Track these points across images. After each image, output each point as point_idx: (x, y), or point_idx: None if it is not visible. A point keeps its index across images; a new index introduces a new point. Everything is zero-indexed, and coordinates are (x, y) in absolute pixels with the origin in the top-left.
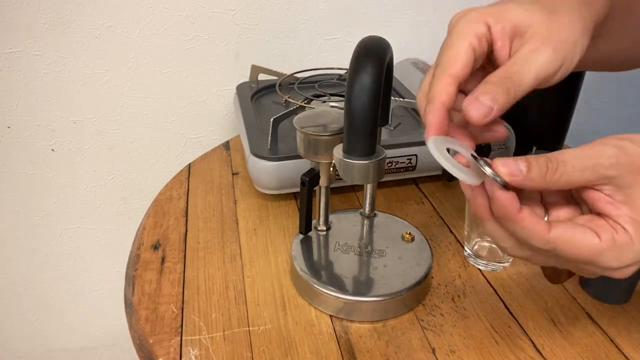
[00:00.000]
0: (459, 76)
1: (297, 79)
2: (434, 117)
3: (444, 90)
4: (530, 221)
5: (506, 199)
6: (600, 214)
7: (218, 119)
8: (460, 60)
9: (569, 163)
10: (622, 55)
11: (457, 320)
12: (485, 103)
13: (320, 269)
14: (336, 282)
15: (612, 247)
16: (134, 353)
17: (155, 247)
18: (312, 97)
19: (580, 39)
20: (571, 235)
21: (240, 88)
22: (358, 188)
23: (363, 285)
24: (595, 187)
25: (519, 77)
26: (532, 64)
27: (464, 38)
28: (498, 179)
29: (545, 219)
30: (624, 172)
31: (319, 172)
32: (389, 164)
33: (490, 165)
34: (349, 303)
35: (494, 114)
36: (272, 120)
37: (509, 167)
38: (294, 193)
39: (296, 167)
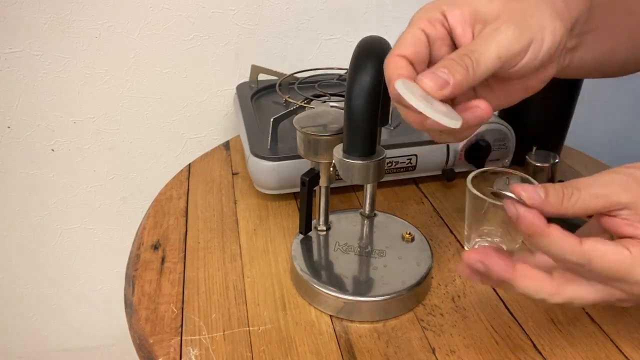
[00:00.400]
0: (407, 55)
1: (297, 79)
2: (391, 64)
3: (393, 63)
4: (561, 234)
5: (533, 215)
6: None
7: (218, 119)
8: (408, 41)
9: (584, 190)
10: (619, 57)
11: (457, 320)
12: (441, 75)
13: (320, 269)
14: (336, 282)
15: None
16: (134, 353)
17: (155, 247)
18: (312, 97)
19: (550, 22)
20: (603, 247)
21: (240, 88)
22: (358, 188)
23: (363, 285)
24: (611, 214)
25: (477, 55)
26: (492, 42)
27: (415, 24)
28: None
29: None
30: (636, 196)
31: (319, 172)
32: (389, 164)
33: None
34: (349, 303)
35: (450, 89)
36: (272, 120)
37: (528, 192)
38: (294, 193)
39: (296, 167)
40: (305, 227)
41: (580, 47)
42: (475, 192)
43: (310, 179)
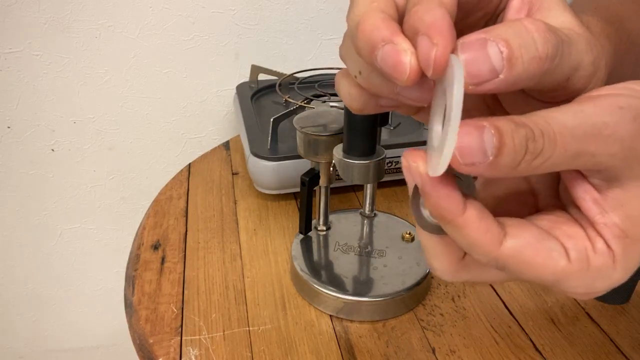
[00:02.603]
0: (387, 10)
1: (297, 79)
2: (377, 21)
3: (379, 19)
4: (479, 225)
5: (446, 194)
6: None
7: (218, 119)
8: None
9: (560, 141)
10: (617, 78)
11: (457, 320)
12: (493, 54)
13: (320, 269)
14: (336, 282)
15: (583, 271)
16: (134, 353)
17: (155, 247)
18: (312, 97)
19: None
20: (531, 255)
21: (240, 88)
22: (358, 188)
23: (363, 285)
24: (582, 172)
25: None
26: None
27: None
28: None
29: None
30: (633, 157)
31: (319, 172)
32: (389, 164)
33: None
34: (349, 303)
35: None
36: (272, 120)
37: (470, 155)
38: (294, 193)
39: (296, 167)
40: (305, 227)
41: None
42: None
43: (310, 179)
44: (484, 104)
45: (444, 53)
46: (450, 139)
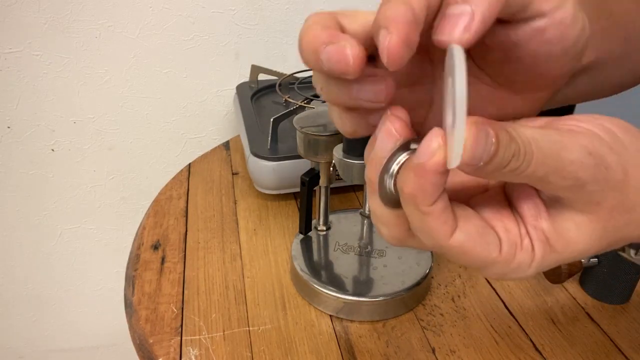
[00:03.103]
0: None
1: (297, 79)
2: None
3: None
4: (438, 219)
5: (435, 181)
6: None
7: (218, 119)
8: None
9: (534, 164)
10: (613, 84)
11: (457, 320)
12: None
13: (320, 269)
14: (336, 282)
15: (507, 262)
16: (134, 353)
17: (155, 247)
18: (312, 97)
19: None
20: (472, 247)
21: (240, 88)
22: (358, 188)
23: (363, 285)
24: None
25: None
26: None
27: None
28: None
29: None
30: (581, 194)
31: (319, 172)
32: None
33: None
34: (349, 303)
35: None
36: (272, 120)
37: (473, 151)
38: (294, 193)
39: (296, 167)
40: (305, 227)
41: (569, 83)
42: None
43: (310, 179)
44: None
45: (398, 41)
46: (459, 136)
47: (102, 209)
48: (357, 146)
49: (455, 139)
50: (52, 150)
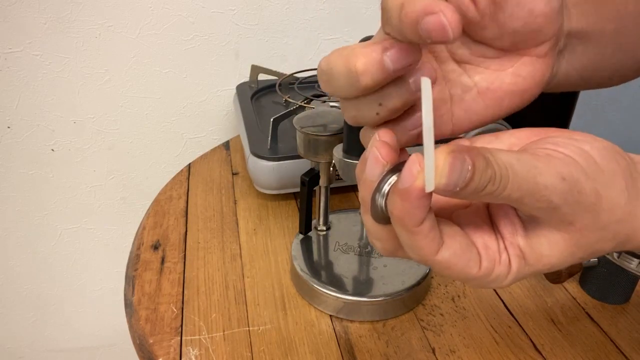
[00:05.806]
0: None
1: (297, 79)
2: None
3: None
4: (425, 238)
5: (419, 204)
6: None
7: (218, 119)
8: None
9: (509, 188)
10: (606, 66)
11: (457, 320)
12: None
13: (320, 269)
14: (336, 282)
15: (485, 276)
16: (134, 353)
17: (155, 247)
18: (312, 97)
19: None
20: (455, 263)
21: (240, 88)
22: (358, 188)
23: (363, 285)
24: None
25: None
26: None
27: None
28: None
29: None
30: (554, 215)
31: (319, 172)
32: None
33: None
34: (349, 303)
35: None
36: (272, 120)
37: (449, 178)
38: (294, 193)
39: (296, 167)
40: (305, 227)
41: (566, 52)
42: None
43: (310, 179)
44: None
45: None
46: (429, 164)
47: (102, 209)
48: (357, 146)
49: (426, 166)
50: (52, 150)
